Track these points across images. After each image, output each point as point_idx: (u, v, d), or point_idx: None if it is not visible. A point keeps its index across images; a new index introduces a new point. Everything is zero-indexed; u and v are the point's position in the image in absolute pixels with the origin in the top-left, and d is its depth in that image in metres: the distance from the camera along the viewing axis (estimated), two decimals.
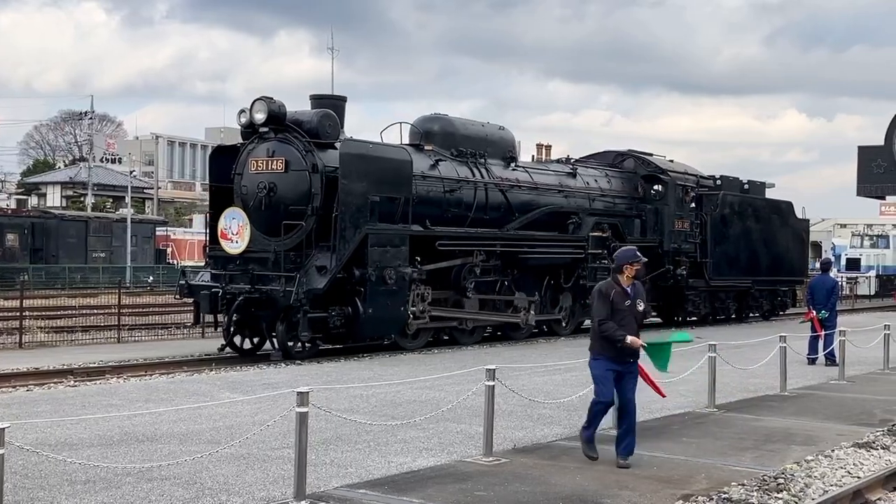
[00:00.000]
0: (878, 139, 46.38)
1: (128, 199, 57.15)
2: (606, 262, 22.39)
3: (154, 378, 14.66)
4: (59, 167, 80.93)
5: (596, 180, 24.14)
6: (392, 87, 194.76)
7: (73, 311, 26.06)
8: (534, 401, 10.91)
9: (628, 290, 8.68)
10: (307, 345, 16.79)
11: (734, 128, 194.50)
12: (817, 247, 59.59)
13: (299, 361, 16.38)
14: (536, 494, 7.57)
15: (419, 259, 18.23)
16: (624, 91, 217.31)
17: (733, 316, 29.32)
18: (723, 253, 27.65)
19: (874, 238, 59.47)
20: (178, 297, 19.68)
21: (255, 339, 17.85)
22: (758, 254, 29.21)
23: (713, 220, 27.09)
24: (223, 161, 18.47)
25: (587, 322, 24.72)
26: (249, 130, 17.56)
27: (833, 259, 20.30)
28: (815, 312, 17.25)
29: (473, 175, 20.02)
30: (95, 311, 25.90)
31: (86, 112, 72.84)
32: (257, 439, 8.87)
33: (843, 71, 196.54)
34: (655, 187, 25.52)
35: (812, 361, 17.01)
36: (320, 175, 16.87)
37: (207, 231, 18.89)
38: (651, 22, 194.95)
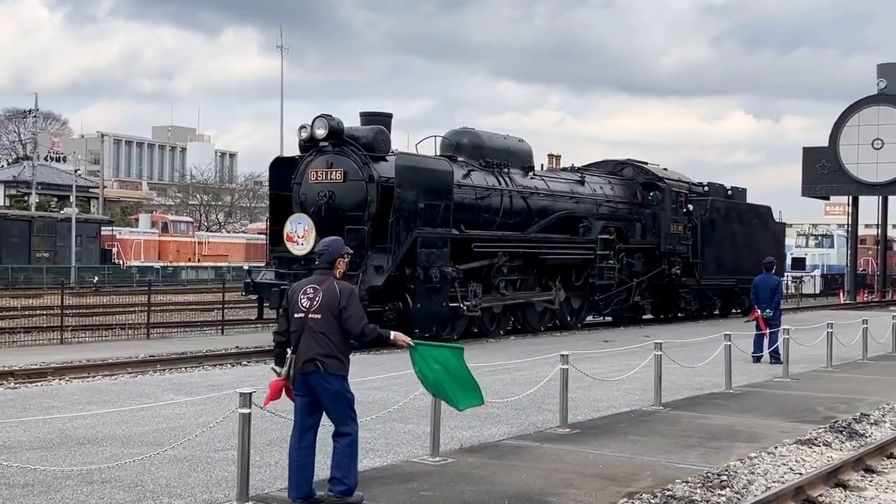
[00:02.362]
0: (823, 140, 47.36)
1: (72, 199, 56.32)
2: (613, 262, 25.01)
3: (97, 380, 14.45)
4: (3, 166, 79.42)
5: (601, 187, 26.28)
6: (342, 85, 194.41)
7: (16, 312, 25.60)
8: None
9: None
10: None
11: (681, 129, 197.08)
12: None
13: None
14: (482, 494, 7.55)
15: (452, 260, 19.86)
16: (573, 92, 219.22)
17: (716, 312, 31.25)
18: (711, 254, 29.78)
19: (819, 238, 60.40)
20: (244, 293, 21.23)
21: None
22: (741, 254, 31.39)
23: (703, 224, 29.41)
24: (281, 171, 20.24)
25: (588, 318, 26.14)
26: (309, 144, 19.31)
27: (773, 260, 21.17)
28: (759, 311, 17.47)
29: (500, 184, 22.07)
30: (38, 311, 25.47)
31: (30, 110, 71.72)
32: (201, 441, 8.75)
33: (788, 73, 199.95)
34: (653, 193, 27.73)
35: (757, 359, 17.20)
36: (376, 184, 18.74)
37: (268, 234, 20.77)
38: (599, 23, 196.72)
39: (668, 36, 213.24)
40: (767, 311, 17.31)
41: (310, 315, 6.92)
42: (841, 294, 48.07)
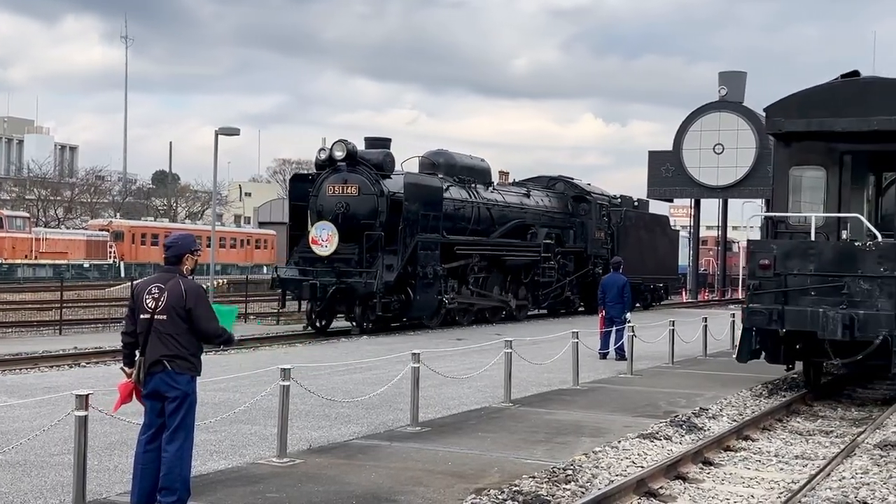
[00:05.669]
0: (668, 144, 48.96)
1: None
2: (553, 262, 29.28)
3: None
4: None
5: (542, 199, 30.71)
6: (189, 79, 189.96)
7: None
8: (332, 400, 10.80)
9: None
10: (370, 325, 22.14)
11: (534, 131, 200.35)
12: None
13: (371, 335, 21.46)
14: (330, 494, 7.45)
15: None
16: (428, 91, 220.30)
17: None
18: (624, 256, 31.82)
19: None
20: (271, 287, 25.71)
21: (323, 322, 22.82)
22: (646, 257, 36.08)
23: (618, 231, 34.10)
24: (297, 186, 24.37)
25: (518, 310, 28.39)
26: (325, 163, 22.87)
27: (622, 259, 22.25)
28: (605, 310, 17.93)
29: (470, 197, 26.07)
30: None
31: None
32: (35, 445, 8.37)
33: (635, 78, 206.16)
34: (582, 205, 32.37)
35: (603, 356, 17.61)
36: (385, 198, 22.39)
37: (288, 238, 24.61)
38: (451, 23, 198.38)
39: (519, 39, 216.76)
40: (618, 308, 17.76)
41: (155, 316, 6.69)
42: (683, 293, 49.80)
